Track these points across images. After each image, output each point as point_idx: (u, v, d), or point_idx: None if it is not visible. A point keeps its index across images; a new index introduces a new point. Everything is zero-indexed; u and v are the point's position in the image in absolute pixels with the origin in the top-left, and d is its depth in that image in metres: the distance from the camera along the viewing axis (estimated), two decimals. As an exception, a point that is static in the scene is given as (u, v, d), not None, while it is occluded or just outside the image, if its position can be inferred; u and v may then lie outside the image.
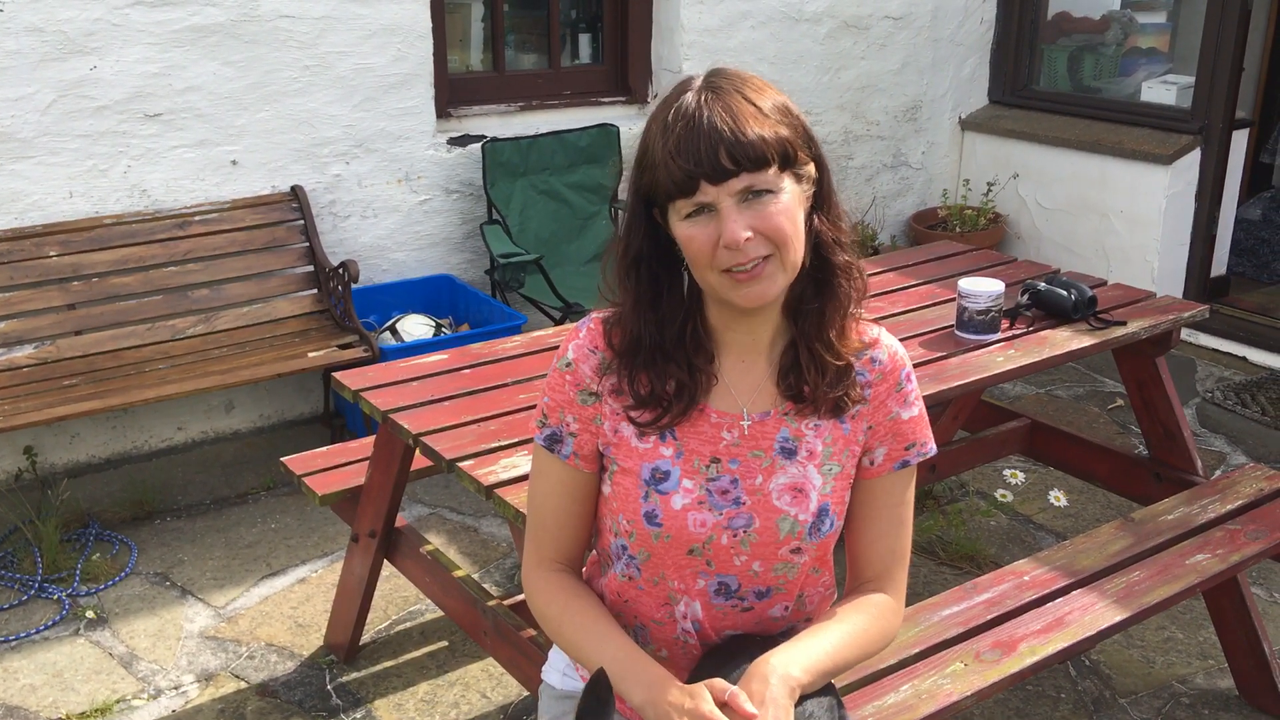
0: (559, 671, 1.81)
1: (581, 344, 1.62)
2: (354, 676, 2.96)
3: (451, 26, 4.57)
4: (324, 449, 3.01)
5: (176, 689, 2.90)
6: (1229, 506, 2.72)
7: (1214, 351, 5.02)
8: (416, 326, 4.21)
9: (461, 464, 2.22)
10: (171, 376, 3.66)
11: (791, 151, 1.47)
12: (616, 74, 4.95)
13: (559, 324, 4.18)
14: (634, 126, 4.72)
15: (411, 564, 2.80)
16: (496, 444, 2.29)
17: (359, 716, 2.81)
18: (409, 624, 3.16)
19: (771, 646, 1.53)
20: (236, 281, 4.02)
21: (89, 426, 3.92)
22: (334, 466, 2.90)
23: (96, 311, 3.80)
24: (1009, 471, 3.60)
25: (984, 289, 2.78)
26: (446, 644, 3.07)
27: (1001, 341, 2.81)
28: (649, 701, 1.47)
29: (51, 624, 3.14)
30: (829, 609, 1.65)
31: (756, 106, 1.45)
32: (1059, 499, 3.45)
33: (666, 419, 1.58)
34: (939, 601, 2.33)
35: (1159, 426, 3.15)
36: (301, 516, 3.69)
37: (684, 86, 1.50)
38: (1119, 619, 2.30)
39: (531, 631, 2.35)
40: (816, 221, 1.54)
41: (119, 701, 2.85)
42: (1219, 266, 5.26)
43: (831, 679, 1.60)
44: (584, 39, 4.96)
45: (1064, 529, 3.64)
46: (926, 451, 1.66)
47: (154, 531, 3.60)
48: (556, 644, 1.71)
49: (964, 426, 3.63)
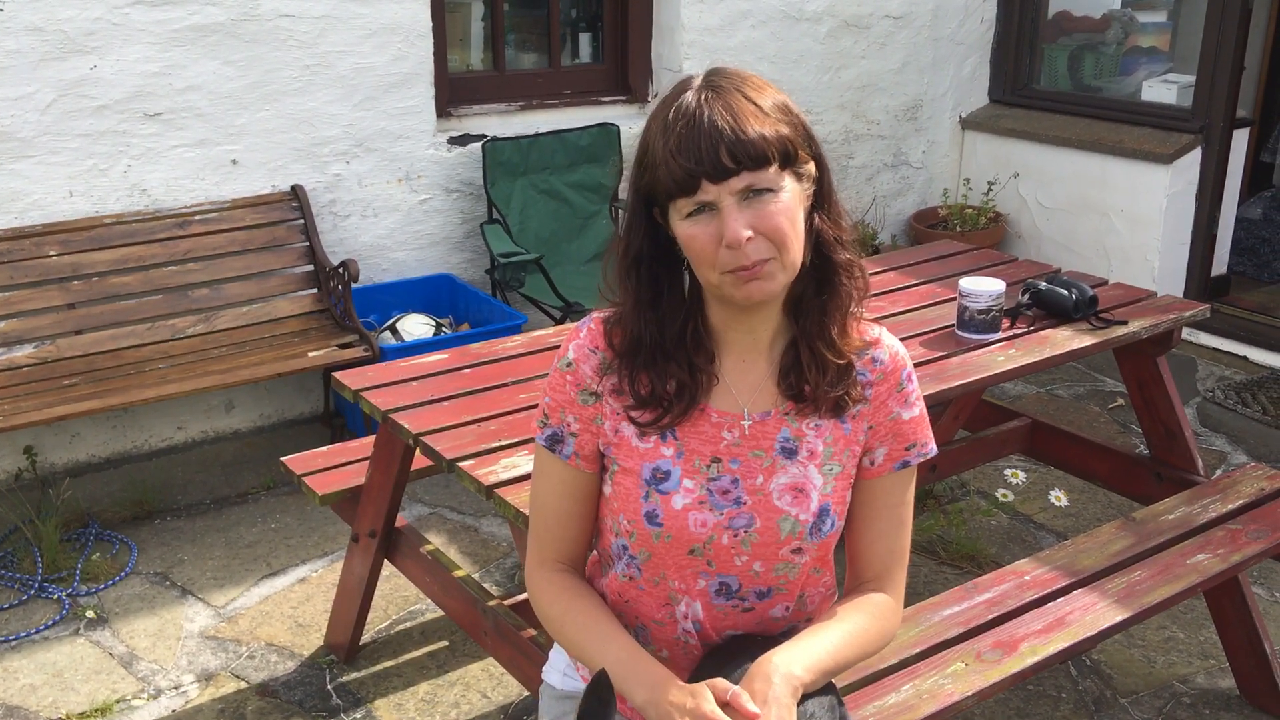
0: (560, 672, 1.81)
1: (582, 344, 1.62)
2: (354, 676, 2.95)
3: (452, 26, 4.57)
4: (324, 449, 3.01)
5: (176, 689, 2.90)
6: (1230, 506, 2.71)
7: (1215, 351, 5.02)
8: (417, 326, 4.21)
9: (462, 464, 2.22)
10: (171, 376, 3.66)
11: (792, 150, 1.47)
12: (617, 73, 4.95)
13: (559, 324, 4.18)
14: (634, 126, 4.72)
15: (412, 564, 2.80)
16: (497, 444, 2.29)
17: (359, 716, 2.81)
18: (409, 624, 3.16)
19: (772, 647, 1.53)
20: (236, 281, 4.01)
21: (89, 426, 3.92)
22: (334, 466, 2.90)
23: (96, 311, 3.80)
24: (1010, 471, 3.60)
25: (985, 288, 2.78)
26: (447, 644, 3.07)
27: (1002, 341, 2.81)
28: (651, 702, 1.47)
29: (51, 624, 3.14)
30: (829, 608, 1.65)
31: (757, 105, 1.45)
32: (1060, 499, 3.45)
33: (667, 419, 1.57)
34: (940, 601, 2.33)
35: (1160, 426, 3.15)
36: (302, 516, 3.68)
37: (684, 85, 1.50)
38: (1120, 619, 2.30)
39: (532, 631, 2.35)
40: (817, 220, 1.54)
41: (119, 701, 2.85)
42: (1219, 266, 5.26)
43: (832, 678, 1.60)
44: (584, 38, 4.96)
45: (1065, 529, 3.63)
46: (927, 452, 1.66)
47: (154, 531, 3.60)
48: (558, 643, 1.71)
49: (965, 426, 3.63)
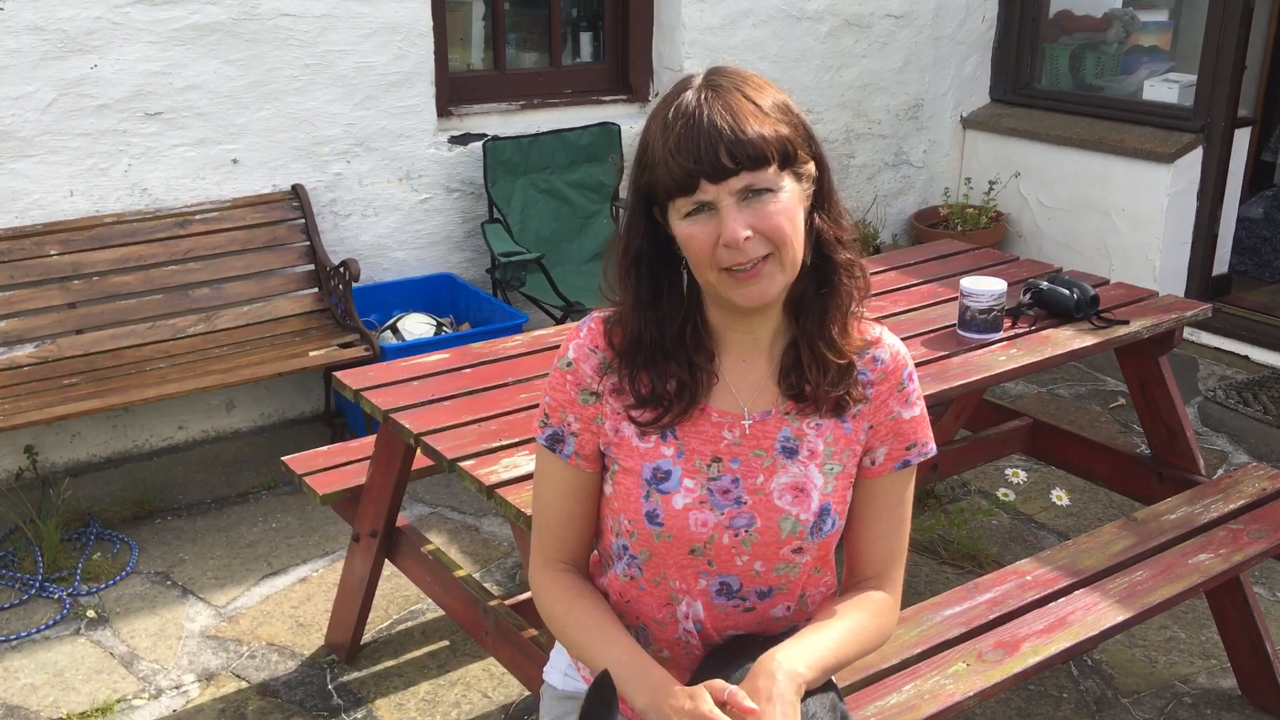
0: (561, 672, 1.81)
1: (582, 343, 1.61)
2: (355, 676, 2.95)
3: (452, 25, 4.57)
4: (325, 448, 3.01)
5: (177, 688, 2.90)
6: (1231, 506, 2.71)
7: (1216, 350, 5.01)
8: (417, 325, 4.21)
9: (463, 464, 2.21)
10: (172, 375, 3.66)
11: (791, 150, 1.46)
12: (617, 72, 4.95)
13: (560, 323, 4.17)
14: (635, 125, 4.71)
15: (412, 563, 2.79)
16: (498, 443, 2.29)
17: (360, 716, 2.81)
18: (410, 623, 3.16)
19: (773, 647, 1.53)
20: (237, 280, 4.01)
21: (90, 425, 3.92)
22: (335, 466, 2.90)
23: (97, 310, 3.80)
24: (1011, 471, 3.60)
25: (986, 288, 2.78)
26: (447, 643, 3.07)
27: (1004, 341, 2.80)
28: (651, 705, 1.47)
29: (52, 623, 3.14)
30: (829, 606, 1.65)
31: (757, 105, 1.45)
32: (1061, 498, 3.44)
33: (667, 418, 1.57)
34: (941, 601, 2.33)
35: (1161, 426, 3.14)
36: (302, 516, 3.68)
37: (684, 85, 1.50)
38: (1121, 619, 2.30)
39: (533, 631, 2.35)
40: (817, 220, 1.53)
41: (120, 701, 2.85)
42: (1221, 265, 5.25)
43: (832, 675, 1.60)
44: (585, 37, 4.96)
45: (1066, 528, 3.63)
46: (927, 451, 1.66)
47: (155, 531, 3.60)
48: (561, 643, 1.71)
49: (966, 425, 3.62)
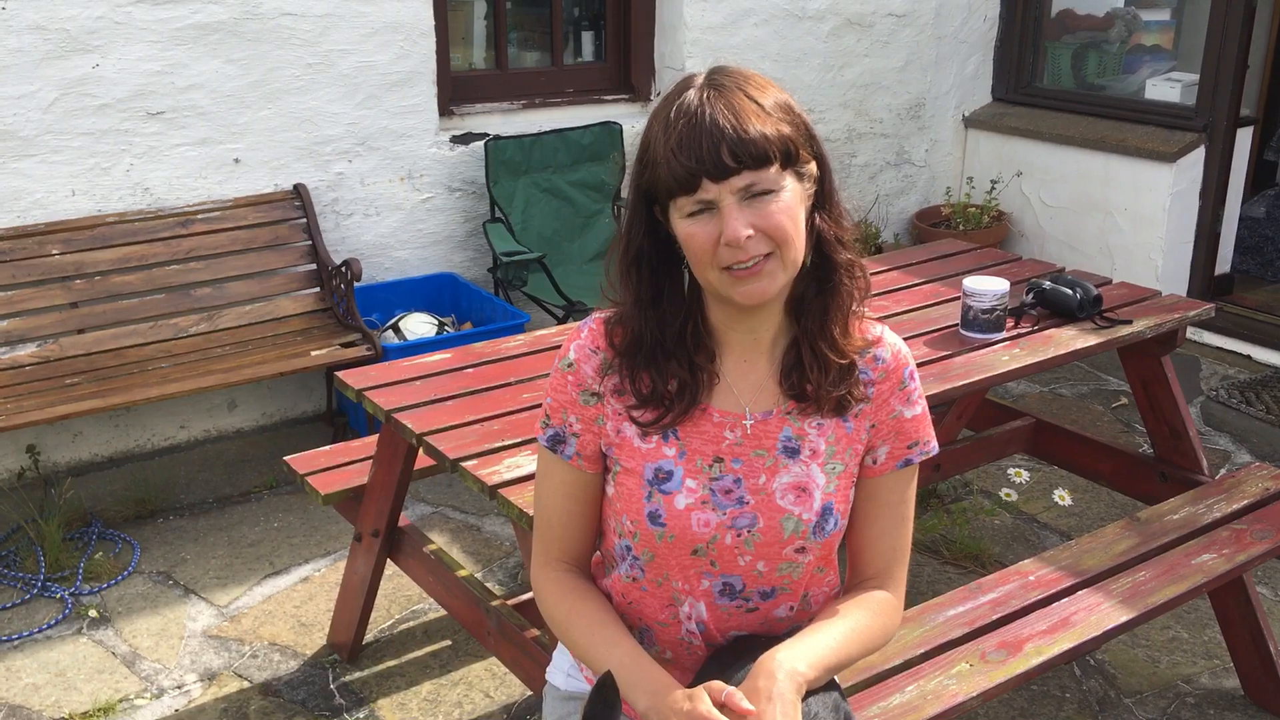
0: (563, 672, 1.81)
1: (583, 344, 1.61)
2: (357, 676, 2.95)
3: (454, 24, 4.56)
4: (327, 448, 3.00)
5: (179, 688, 2.90)
6: (1235, 506, 2.71)
7: (1218, 350, 5.00)
8: (419, 325, 4.21)
9: (465, 464, 2.21)
10: (174, 375, 3.66)
11: (793, 149, 1.46)
12: (619, 72, 4.94)
13: (562, 322, 4.17)
14: (637, 124, 4.71)
15: (414, 563, 2.79)
16: (500, 444, 2.28)
17: (362, 716, 2.81)
18: (412, 623, 3.16)
19: (776, 648, 1.53)
20: (239, 280, 4.01)
21: (91, 425, 3.92)
22: (337, 465, 2.89)
23: (99, 310, 3.80)
24: (1013, 470, 3.59)
25: (989, 287, 2.77)
26: (449, 643, 3.07)
27: (1006, 340, 2.80)
28: (653, 708, 1.47)
29: (54, 623, 3.14)
30: (831, 605, 1.64)
31: (758, 104, 1.45)
32: (1063, 498, 3.44)
33: (669, 418, 1.57)
34: (944, 602, 2.32)
35: (1164, 425, 3.14)
36: (304, 515, 3.68)
37: (686, 84, 1.49)
38: (1125, 619, 2.29)
39: (535, 631, 2.35)
40: (818, 220, 1.53)
41: (122, 701, 2.85)
42: (1223, 264, 5.24)
43: (835, 674, 1.59)
44: (586, 36, 4.95)
45: (1068, 528, 3.63)
46: (929, 450, 1.66)
47: (156, 530, 3.60)
48: (563, 644, 1.70)
49: (968, 425, 3.62)
